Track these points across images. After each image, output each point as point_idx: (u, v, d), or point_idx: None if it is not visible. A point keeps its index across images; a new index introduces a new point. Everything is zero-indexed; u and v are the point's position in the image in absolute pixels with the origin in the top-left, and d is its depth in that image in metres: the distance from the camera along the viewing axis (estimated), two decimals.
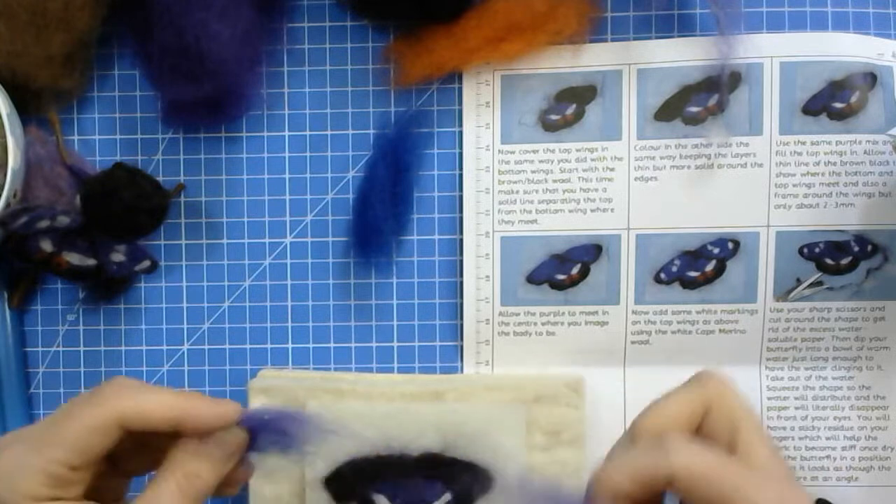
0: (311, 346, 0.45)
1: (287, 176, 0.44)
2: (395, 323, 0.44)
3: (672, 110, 0.42)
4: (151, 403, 0.31)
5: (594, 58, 0.43)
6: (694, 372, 0.43)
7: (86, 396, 0.31)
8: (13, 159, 0.40)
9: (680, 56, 0.42)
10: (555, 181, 0.43)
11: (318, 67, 0.44)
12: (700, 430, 0.31)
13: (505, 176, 0.43)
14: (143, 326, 0.45)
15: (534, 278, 0.43)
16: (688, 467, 0.29)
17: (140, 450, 0.33)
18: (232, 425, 0.32)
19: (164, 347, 0.45)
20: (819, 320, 0.43)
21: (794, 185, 0.42)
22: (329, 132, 0.44)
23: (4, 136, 0.40)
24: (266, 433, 0.33)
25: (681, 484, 0.29)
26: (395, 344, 0.44)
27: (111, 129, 0.45)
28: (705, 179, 0.42)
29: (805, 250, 0.42)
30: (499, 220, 0.43)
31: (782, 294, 0.43)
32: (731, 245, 0.43)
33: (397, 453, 0.41)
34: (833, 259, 0.42)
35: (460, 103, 0.44)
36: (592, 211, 0.43)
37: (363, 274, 0.44)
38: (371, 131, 0.44)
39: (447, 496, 0.41)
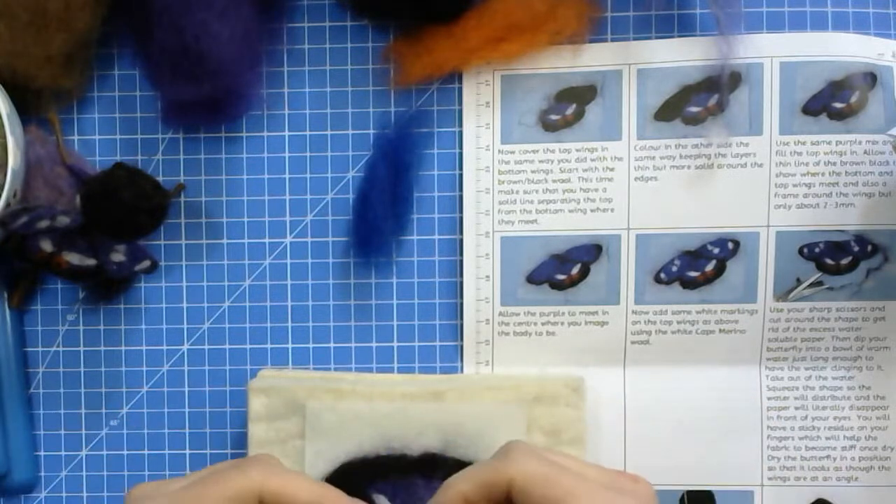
0: (311, 346, 0.45)
1: (287, 176, 0.44)
2: (395, 323, 0.44)
3: (672, 110, 0.42)
4: (294, 485, 0.32)
5: (594, 58, 0.43)
6: (694, 372, 0.43)
7: (232, 463, 0.33)
8: (13, 159, 0.40)
9: (680, 56, 0.42)
10: (555, 181, 0.43)
11: (318, 67, 0.44)
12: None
13: (505, 176, 0.43)
14: (143, 326, 0.45)
15: (534, 278, 0.43)
16: (524, 472, 0.31)
17: None
18: None
19: (164, 347, 0.45)
20: (819, 320, 0.43)
21: (794, 185, 0.42)
22: (329, 132, 0.44)
23: (4, 136, 0.40)
24: None
25: (517, 488, 0.31)
26: (395, 344, 0.44)
27: (111, 129, 0.45)
28: (705, 179, 0.42)
29: (805, 250, 0.42)
30: (499, 220, 0.43)
31: (782, 294, 0.43)
32: (731, 245, 0.43)
33: (397, 453, 0.41)
34: (833, 259, 0.42)
35: (460, 103, 0.44)
36: (592, 211, 0.43)
37: (363, 274, 0.44)
38: (371, 131, 0.44)
39: None
